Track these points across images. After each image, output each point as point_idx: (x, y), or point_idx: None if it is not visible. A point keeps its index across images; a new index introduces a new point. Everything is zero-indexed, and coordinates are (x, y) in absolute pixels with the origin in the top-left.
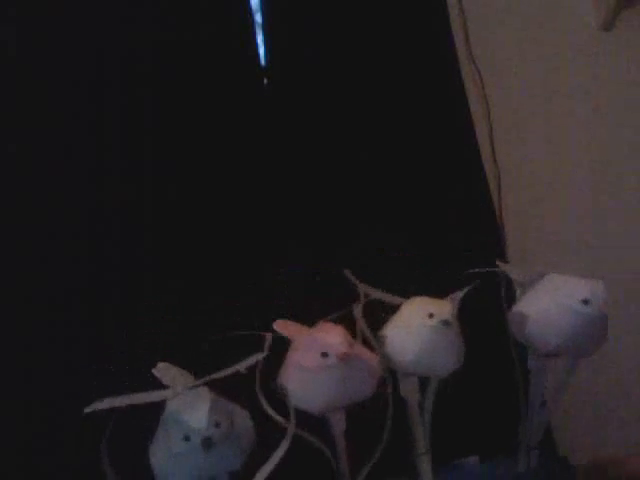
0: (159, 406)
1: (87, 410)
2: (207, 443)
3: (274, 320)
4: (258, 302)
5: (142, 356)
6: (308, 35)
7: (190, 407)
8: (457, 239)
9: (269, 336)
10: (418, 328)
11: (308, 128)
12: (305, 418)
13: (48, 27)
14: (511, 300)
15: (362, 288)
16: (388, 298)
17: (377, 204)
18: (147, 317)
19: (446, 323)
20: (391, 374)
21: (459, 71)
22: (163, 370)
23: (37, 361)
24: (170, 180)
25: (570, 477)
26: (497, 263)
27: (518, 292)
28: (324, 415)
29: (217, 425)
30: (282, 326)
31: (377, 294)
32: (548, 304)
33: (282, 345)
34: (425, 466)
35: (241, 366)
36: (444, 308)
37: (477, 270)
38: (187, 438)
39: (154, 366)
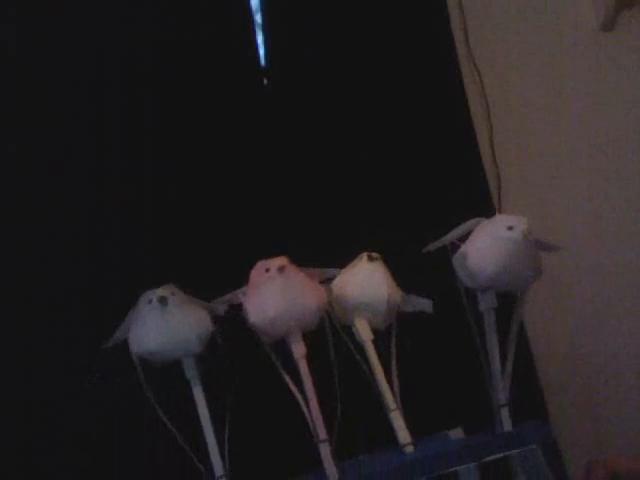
0: None
1: (107, 345)
2: (162, 300)
3: None
4: None
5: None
6: (308, 35)
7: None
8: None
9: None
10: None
11: (308, 128)
12: None
13: (48, 27)
14: None
15: None
16: None
17: (377, 204)
18: None
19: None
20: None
21: (459, 71)
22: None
23: (37, 361)
24: (170, 180)
25: (547, 440)
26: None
27: None
28: (284, 340)
29: (173, 295)
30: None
31: None
32: (480, 238)
33: None
34: (398, 421)
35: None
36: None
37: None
38: (150, 301)
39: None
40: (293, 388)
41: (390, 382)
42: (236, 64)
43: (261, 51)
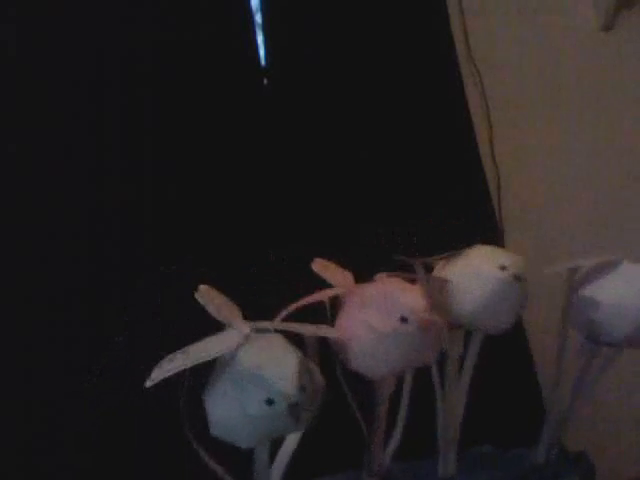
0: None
1: (149, 384)
2: (295, 411)
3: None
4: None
5: (141, 353)
6: (308, 35)
7: (274, 362)
8: (457, 239)
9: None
10: (488, 279)
11: (308, 128)
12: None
13: (48, 27)
14: None
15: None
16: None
17: (376, 204)
18: (146, 314)
19: (518, 278)
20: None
21: (459, 71)
22: (205, 294)
23: (37, 361)
24: (170, 180)
25: (588, 470)
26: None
27: None
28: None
29: (303, 389)
30: (321, 266)
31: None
32: (624, 292)
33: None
34: (449, 453)
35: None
36: (518, 260)
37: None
38: (270, 402)
39: (154, 364)
40: (360, 419)
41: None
42: (236, 64)
43: (261, 51)
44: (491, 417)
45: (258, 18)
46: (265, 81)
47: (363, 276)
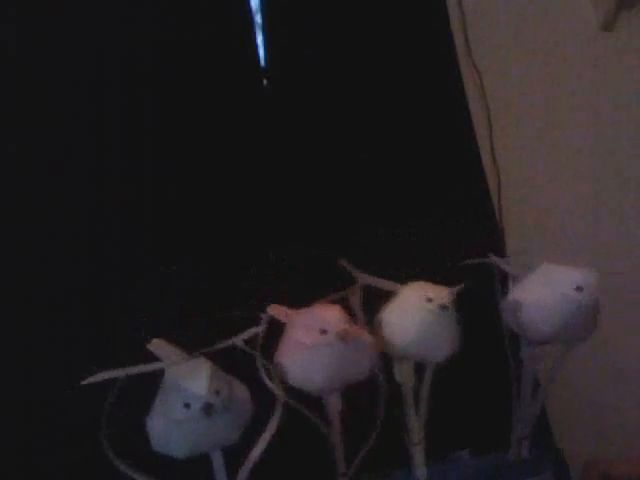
0: (155, 382)
1: (85, 382)
2: (208, 409)
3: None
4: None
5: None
6: (308, 35)
7: (190, 375)
8: (457, 239)
9: (266, 315)
10: (416, 311)
11: (308, 128)
12: (302, 399)
13: (48, 27)
14: (505, 293)
15: (359, 275)
16: (384, 284)
17: (376, 204)
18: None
19: (444, 308)
20: (386, 360)
21: (459, 71)
22: (157, 345)
23: (37, 361)
24: (170, 180)
25: (561, 468)
26: (490, 256)
27: (511, 285)
28: (321, 396)
29: (217, 393)
30: (276, 310)
31: (374, 280)
32: (542, 292)
33: (278, 327)
34: (418, 456)
35: (237, 339)
36: (443, 293)
37: (470, 262)
38: (187, 405)
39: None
40: (319, 423)
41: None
42: (236, 64)
43: (261, 51)
44: (471, 425)
45: (258, 18)
46: (265, 81)
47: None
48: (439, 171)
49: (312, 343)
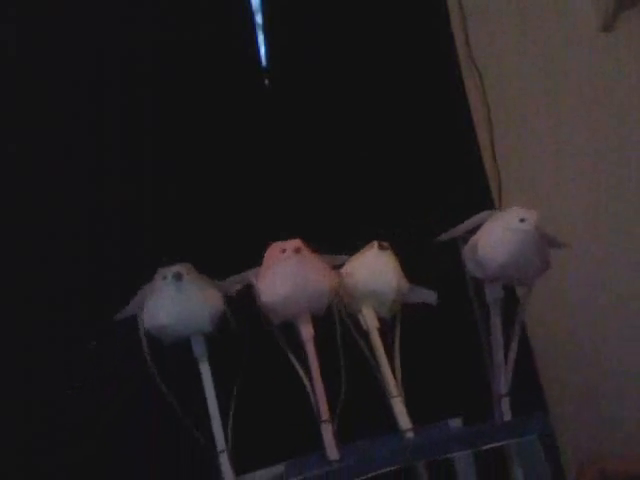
0: None
1: (118, 317)
2: (177, 276)
3: None
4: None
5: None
6: (308, 35)
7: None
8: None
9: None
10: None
11: (308, 127)
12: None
13: (48, 27)
14: None
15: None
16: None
17: (377, 203)
18: None
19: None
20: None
21: (459, 71)
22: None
23: (37, 361)
24: (170, 180)
25: (547, 431)
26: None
27: None
28: (293, 321)
29: (188, 273)
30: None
31: None
32: (492, 228)
33: None
34: (399, 407)
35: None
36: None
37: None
38: (164, 277)
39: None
40: (299, 369)
41: (393, 370)
42: (237, 64)
43: (262, 51)
44: (465, 395)
45: (258, 18)
46: (266, 81)
47: None
48: (440, 171)
49: (275, 262)
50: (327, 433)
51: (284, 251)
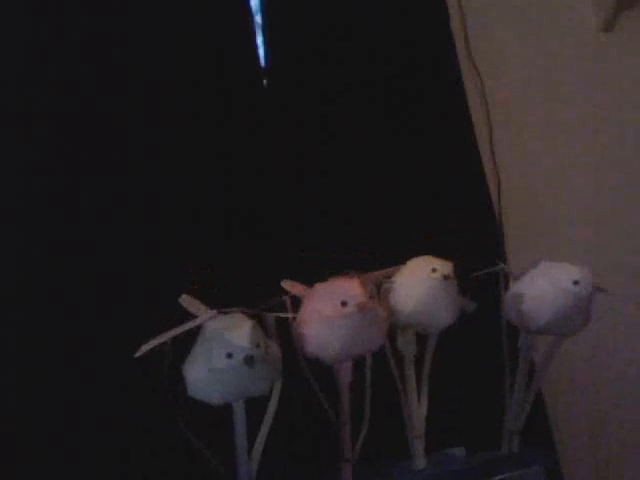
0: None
1: (138, 354)
2: (249, 360)
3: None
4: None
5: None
6: (308, 35)
7: (233, 328)
8: (457, 239)
9: (288, 283)
10: (421, 280)
11: (308, 128)
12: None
13: (48, 27)
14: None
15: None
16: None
17: (377, 204)
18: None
19: (447, 277)
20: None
21: (459, 71)
22: (188, 301)
23: (37, 361)
24: (170, 180)
25: (550, 460)
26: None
27: (511, 281)
28: (333, 366)
29: (257, 346)
30: (289, 285)
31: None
32: (542, 285)
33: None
34: (418, 447)
35: (264, 306)
36: (447, 264)
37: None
38: (230, 355)
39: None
40: (328, 409)
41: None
42: (236, 65)
43: (261, 52)
44: (467, 423)
45: (258, 19)
46: (265, 82)
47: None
48: (439, 171)
49: (333, 314)
50: (347, 472)
51: (344, 304)
